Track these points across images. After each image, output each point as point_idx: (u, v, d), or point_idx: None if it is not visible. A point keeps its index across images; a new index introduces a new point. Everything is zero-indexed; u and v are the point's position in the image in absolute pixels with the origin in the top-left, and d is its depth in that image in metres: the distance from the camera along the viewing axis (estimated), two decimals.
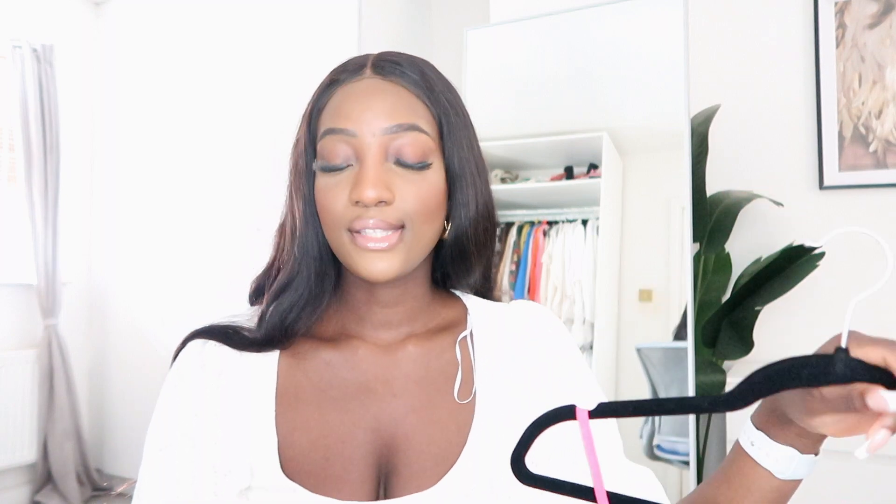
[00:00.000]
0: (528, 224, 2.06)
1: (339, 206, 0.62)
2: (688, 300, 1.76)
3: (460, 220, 0.67)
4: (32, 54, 3.12)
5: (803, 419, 0.51)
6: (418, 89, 0.65)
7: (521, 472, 0.48)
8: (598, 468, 0.46)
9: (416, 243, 0.63)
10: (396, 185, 0.62)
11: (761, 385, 0.45)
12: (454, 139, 0.66)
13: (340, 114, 0.63)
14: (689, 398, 0.47)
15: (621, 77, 1.93)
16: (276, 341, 0.66)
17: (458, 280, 0.73)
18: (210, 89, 3.09)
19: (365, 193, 0.60)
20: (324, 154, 0.63)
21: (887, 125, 1.99)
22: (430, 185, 0.63)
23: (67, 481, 3.12)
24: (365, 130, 0.62)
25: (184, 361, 0.67)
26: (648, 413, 0.47)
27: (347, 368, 0.67)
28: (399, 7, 3.02)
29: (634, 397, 1.86)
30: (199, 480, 0.62)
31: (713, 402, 0.46)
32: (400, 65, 0.65)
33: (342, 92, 0.65)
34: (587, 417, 0.46)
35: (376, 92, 0.63)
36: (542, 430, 0.48)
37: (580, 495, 0.47)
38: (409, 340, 0.69)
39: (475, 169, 0.68)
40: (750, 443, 0.56)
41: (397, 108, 0.63)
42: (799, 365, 0.44)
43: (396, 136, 0.62)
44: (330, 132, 0.63)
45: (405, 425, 0.66)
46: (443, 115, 0.66)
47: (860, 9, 2.03)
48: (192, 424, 0.64)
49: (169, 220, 3.23)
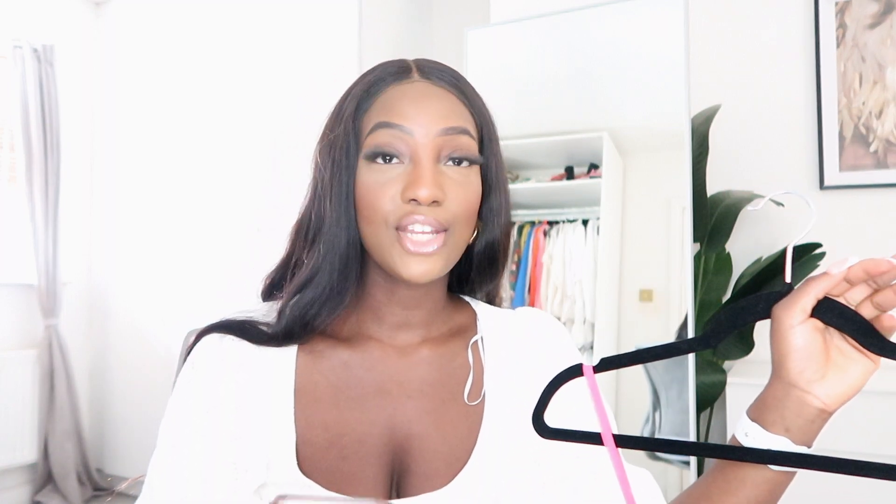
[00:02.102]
0: (528, 224, 2.06)
1: (388, 202, 0.62)
2: (688, 300, 1.76)
3: (492, 227, 0.69)
4: (33, 54, 3.13)
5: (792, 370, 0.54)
6: (463, 97, 0.67)
7: (542, 427, 0.56)
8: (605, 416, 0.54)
9: (455, 247, 0.65)
10: (447, 186, 0.63)
11: (727, 322, 0.54)
12: (491, 147, 0.68)
13: (395, 111, 0.64)
14: (672, 343, 0.55)
15: (622, 77, 1.93)
16: (296, 336, 0.66)
17: (480, 284, 0.75)
18: (210, 89, 3.09)
19: (421, 192, 0.60)
20: (376, 143, 0.63)
21: (888, 125, 1.99)
22: (473, 189, 0.65)
23: (68, 481, 3.12)
24: (420, 131, 0.63)
25: (200, 355, 0.67)
26: (642, 361, 0.55)
27: (364, 369, 0.68)
28: (399, 7, 3.02)
29: (635, 397, 1.86)
30: (216, 476, 0.62)
31: (691, 343, 0.55)
32: (444, 72, 0.68)
33: (393, 91, 0.65)
34: (592, 372, 0.54)
35: (430, 95, 0.65)
36: (556, 388, 0.56)
37: (591, 440, 0.54)
38: (424, 344, 0.70)
39: (504, 181, 0.70)
40: (744, 433, 0.57)
41: (451, 112, 0.65)
42: (755, 300, 0.54)
43: (450, 138, 0.64)
44: (385, 125, 0.63)
45: (419, 426, 0.67)
46: (483, 123, 0.68)
47: (861, 9, 2.03)
48: (210, 419, 0.64)
49: (169, 221, 3.23)
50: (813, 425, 0.55)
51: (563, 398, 0.69)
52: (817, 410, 0.54)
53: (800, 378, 0.54)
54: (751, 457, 0.53)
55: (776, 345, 0.54)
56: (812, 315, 0.53)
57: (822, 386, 0.54)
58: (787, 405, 0.55)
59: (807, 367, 0.53)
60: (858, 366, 0.53)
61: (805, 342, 0.53)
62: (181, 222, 3.18)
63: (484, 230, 0.69)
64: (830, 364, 0.54)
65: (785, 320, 0.53)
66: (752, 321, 0.55)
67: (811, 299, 0.52)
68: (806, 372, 0.53)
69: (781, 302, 0.54)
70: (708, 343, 0.54)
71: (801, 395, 0.54)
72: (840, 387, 0.54)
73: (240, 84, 2.99)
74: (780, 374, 0.55)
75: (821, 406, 0.54)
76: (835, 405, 0.54)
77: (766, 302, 0.54)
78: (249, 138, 2.95)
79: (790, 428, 0.55)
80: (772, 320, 0.54)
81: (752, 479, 0.57)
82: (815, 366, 0.53)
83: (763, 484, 0.57)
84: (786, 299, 0.53)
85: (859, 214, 2.01)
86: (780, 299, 0.54)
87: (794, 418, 0.54)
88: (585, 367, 0.55)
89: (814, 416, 0.54)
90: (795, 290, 0.53)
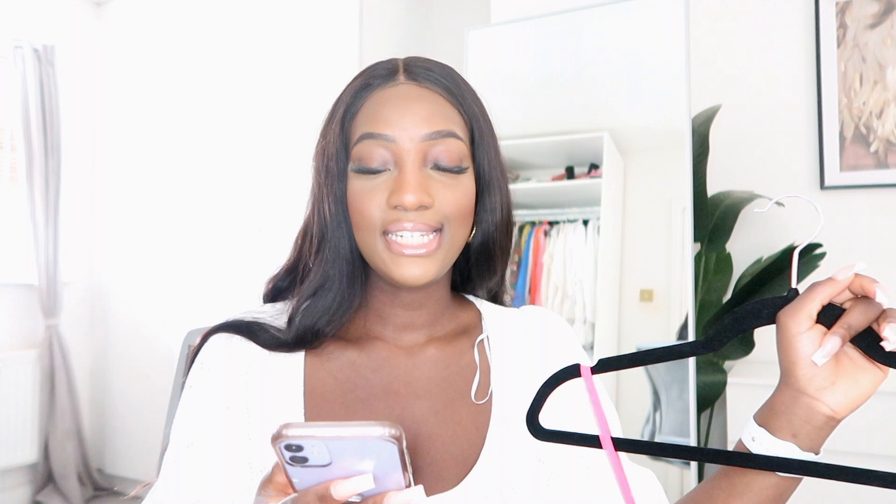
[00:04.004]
0: (529, 224, 2.06)
1: (376, 209, 0.62)
2: (689, 300, 1.76)
3: (487, 224, 0.69)
4: (33, 54, 3.13)
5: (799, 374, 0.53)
6: (451, 96, 0.66)
7: (536, 428, 0.54)
8: (604, 418, 0.53)
9: (451, 247, 0.65)
10: (435, 189, 0.63)
11: (731, 327, 0.53)
12: (483, 145, 0.68)
13: (378, 119, 0.64)
14: (673, 345, 0.54)
15: (622, 77, 1.93)
16: (306, 343, 0.67)
17: (479, 283, 0.75)
18: (210, 90, 3.09)
19: (405, 198, 0.60)
20: (360, 157, 0.64)
21: (888, 125, 1.99)
22: (465, 190, 0.65)
23: (68, 481, 3.12)
24: (404, 136, 0.62)
25: (210, 355, 0.67)
26: (641, 363, 0.54)
27: (371, 370, 0.68)
28: (400, 7, 3.02)
29: (635, 398, 1.86)
30: (232, 476, 0.61)
31: (693, 347, 0.54)
32: (432, 71, 0.67)
33: (378, 96, 0.65)
34: (590, 373, 0.54)
35: (414, 98, 0.64)
36: (552, 389, 0.55)
37: (588, 443, 0.53)
38: (431, 343, 0.70)
39: (500, 174, 0.69)
40: (751, 438, 0.56)
41: (435, 114, 0.64)
42: (759, 306, 0.54)
43: (435, 142, 0.63)
44: (368, 136, 0.63)
45: (427, 426, 0.67)
46: (473, 122, 0.67)
47: (861, 9, 2.03)
48: (223, 419, 0.63)
49: (170, 221, 3.23)
50: (821, 432, 0.54)
51: (565, 398, 0.69)
52: (826, 418, 0.53)
53: (809, 386, 0.53)
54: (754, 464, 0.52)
55: (784, 352, 0.54)
56: (818, 322, 0.52)
57: (831, 393, 0.53)
58: (795, 412, 0.54)
59: (816, 374, 0.53)
60: (867, 374, 0.53)
61: (813, 349, 0.52)
62: (182, 222, 3.18)
63: (479, 228, 0.69)
64: (840, 372, 0.53)
65: (792, 327, 0.52)
66: (756, 327, 0.54)
67: (817, 305, 0.51)
68: (815, 380, 0.53)
69: (787, 308, 0.53)
70: (710, 347, 0.53)
71: (809, 403, 0.53)
72: (849, 394, 0.53)
73: (240, 84, 2.99)
74: (789, 381, 0.54)
75: (830, 413, 0.53)
76: (844, 413, 0.53)
77: (771, 308, 0.53)
78: (250, 138, 2.95)
79: (798, 434, 0.54)
80: (778, 327, 0.54)
81: (758, 484, 0.57)
82: (825, 373, 0.53)
83: (769, 489, 0.57)
84: (791, 305, 0.52)
85: (860, 214, 2.01)
86: (784, 304, 0.53)
87: (801, 424, 0.54)
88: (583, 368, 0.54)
89: (822, 423, 0.54)
90: (800, 296, 0.52)
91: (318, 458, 0.43)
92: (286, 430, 0.42)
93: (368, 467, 0.43)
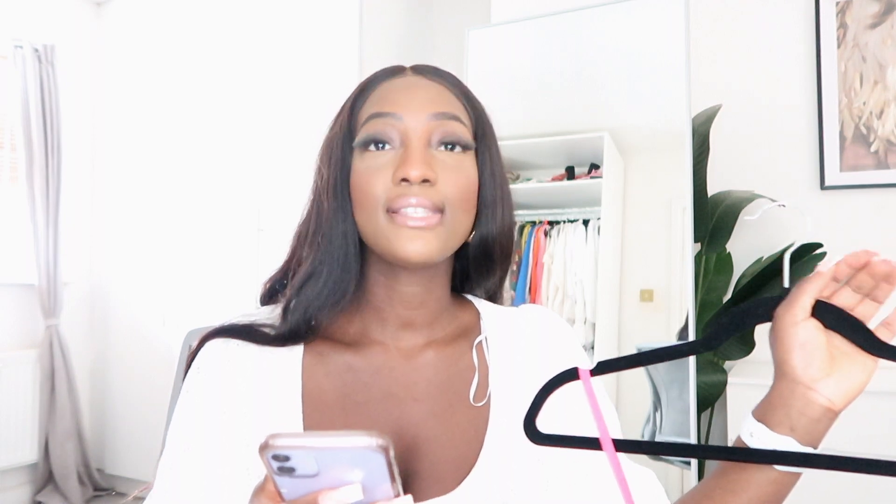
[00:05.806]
0: (529, 224, 2.06)
1: (380, 186, 0.63)
2: (689, 300, 1.76)
3: (487, 222, 0.69)
4: (34, 54, 3.13)
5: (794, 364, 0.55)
6: (457, 90, 0.69)
7: (534, 433, 0.54)
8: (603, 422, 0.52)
9: (452, 231, 0.64)
10: (439, 168, 0.63)
11: (729, 325, 0.54)
12: (486, 143, 0.69)
13: (387, 101, 0.66)
14: (672, 346, 0.54)
15: (622, 77, 1.93)
16: (301, 335, 0.66)
17: (478, 282, 0.75)
18: (211, 90, 3.09)
19: (411, 171, 0.61)
20: (367, 133, 0.65)
21: (888, 125, 1.99)
22: (467, 174, 0.66)
23: (68, 481, 3.12)
24: (410, 116, 0.64)
25: (206, 360, 0.66)
26: (640, 364, 0.55)
27: (370, 373, 0.68)
28: (400, 7, 3.02)
29: (635, 398, 1.86)
30: (229, 482, 0.61)
31: (692, 346, 0.55)
32: (438, 70, 0.70)
33: (385, 86, 0.68)
34: (589, 376, 0.54)
35: (422, 85, 0.67)
36: (549, 392, 0.55)
37: (588, 446, 0.53)
38: (429, 346, 0.70)
39: (501, 177, 0.70)
40: (749, 434, 0.57)
41: (441, 99, 0.67)
42: (755, 305, 0.55)
43: (440, 123, 0.64)
44: (376, 115, 0.65)
45: (426, 429, 0.66)
46: (478, 118, 0.69)
47: (861, 9, 2.03)
48: (221, 424, 0.63)
49: (170, 221, 3.23)
50: (819, 425, 0.55)
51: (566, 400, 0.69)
52: (823, 409, 0.54)
53: (804, 374, 0.54)
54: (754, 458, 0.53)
55: (779, 343, 0.55)
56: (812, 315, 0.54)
57: (826, 383, 0.54)
58: (792, 403, 0.55)
59: (811, 362, 0.54)
60: (859, 365, 0.54)
61: (808, 338, 0.54)
62: (182, 222, 3.17)
63: (479, 226, 0.69)
64: (834, 363, 0.54)
65: (787, 318, 0.54)
66: (753, 324, 0.56)
67: (809, 298, 0.53)
68: (810, 368, 0.54)
69: (782, 303, 0.55)
70: (709, 346, 0.55)
71: (805, 392, 0.54)
72: (845, 384, 0.54)
73: (240, 84, 2.99)
74: (785, 370, 0.55)
75: (826, 404, 0.54)
76: (840, 403, 0.54)
77: (767, 306, 0.55)
78: (250, 138, 2.95)
79: (795, 427, 0.55)
80: (773, 321, 0.55)
81: (757, 479, 0.57)
82: (819, 362, 0.54)
83: (768, 485, 0.57)
84: (786, 300, 0.55)
85: (860, 214, 2.01)
86: (780, 303, 0.55)
87: (798, 417, 0.54)
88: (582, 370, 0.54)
89: (819, 414, 0.54)
90: (792, 291, 0.55)
91: (305, 468, 0.42)
92: (273, 441, 0.41)
93: (357, 477, 0.43)
